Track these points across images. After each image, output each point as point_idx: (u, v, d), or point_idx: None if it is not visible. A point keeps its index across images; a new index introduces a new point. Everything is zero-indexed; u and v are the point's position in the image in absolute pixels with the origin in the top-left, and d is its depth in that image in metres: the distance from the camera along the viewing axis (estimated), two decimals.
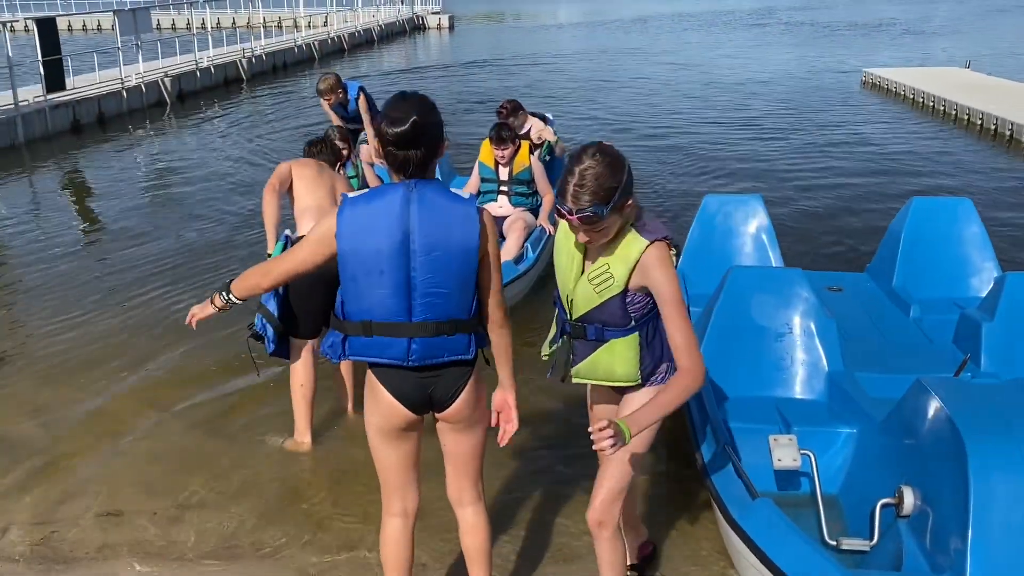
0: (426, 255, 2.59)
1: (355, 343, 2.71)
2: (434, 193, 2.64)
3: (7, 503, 4.19)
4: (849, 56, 24.70)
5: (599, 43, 30.66)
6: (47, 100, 14.17)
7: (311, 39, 26.14)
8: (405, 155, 2.59)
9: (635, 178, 2.69)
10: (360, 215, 2.61)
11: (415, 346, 2.66)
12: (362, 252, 2.59)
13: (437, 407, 2.80)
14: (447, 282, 2.62)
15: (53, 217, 9.76)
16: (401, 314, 2.64)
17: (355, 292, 2.65)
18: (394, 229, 2.58)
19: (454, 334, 2.68)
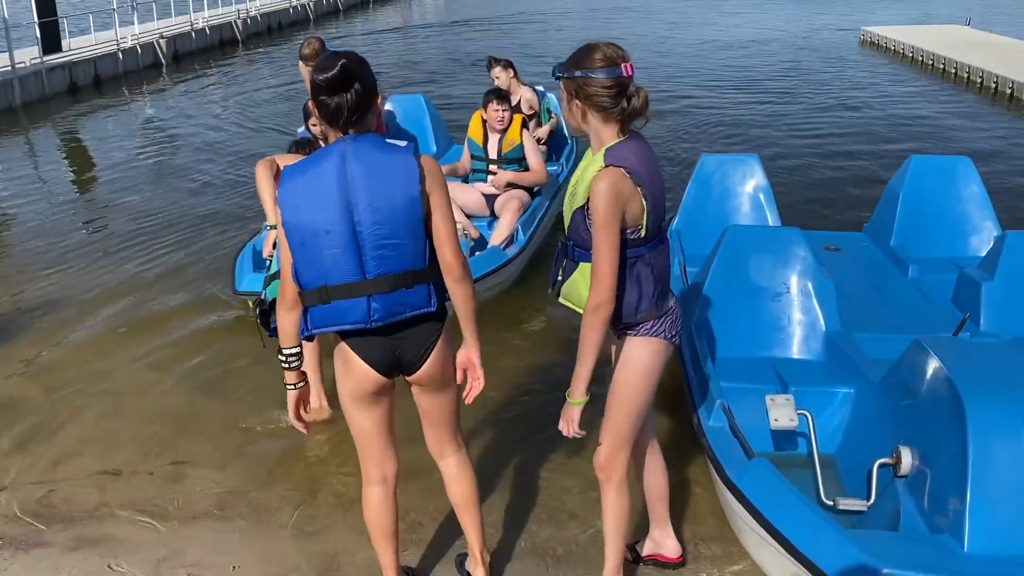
0: (369, 207, 2.56)
1: (315, 314, 2.67)
2: (369, 147, 2.61)
3: (5, 462, 4.20)
4: (848, 14, 24.42)
5: (597, 3, 30.27)
6: (43, 62, 14.02)
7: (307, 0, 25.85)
8: (337, 102, 2.56)
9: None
10: (299, 182, 2.60)
11: (375, 304, 2.62)
12: (306, 218, 2.58)
13: (406, 370, 2.78)
14: (395, 232, 2.59)
15: (49, 178, 9.71)
16: (355, 272, 2.60)
17: (305, 258, 2.62)
18: (332, 187, 2.57)
19: (413, 286, 2.65)
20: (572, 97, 2.71)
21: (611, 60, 2.62)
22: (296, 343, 2.79)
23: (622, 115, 2.67)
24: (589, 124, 2.72)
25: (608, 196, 2.59)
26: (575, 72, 2.65)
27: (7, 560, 3.52)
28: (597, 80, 2.62)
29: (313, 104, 2.65)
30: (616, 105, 2.64)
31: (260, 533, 3.69)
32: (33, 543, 3.62)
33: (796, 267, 4.29)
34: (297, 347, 2.81)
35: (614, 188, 2.60)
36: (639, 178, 2.63)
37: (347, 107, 2.57)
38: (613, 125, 2.69)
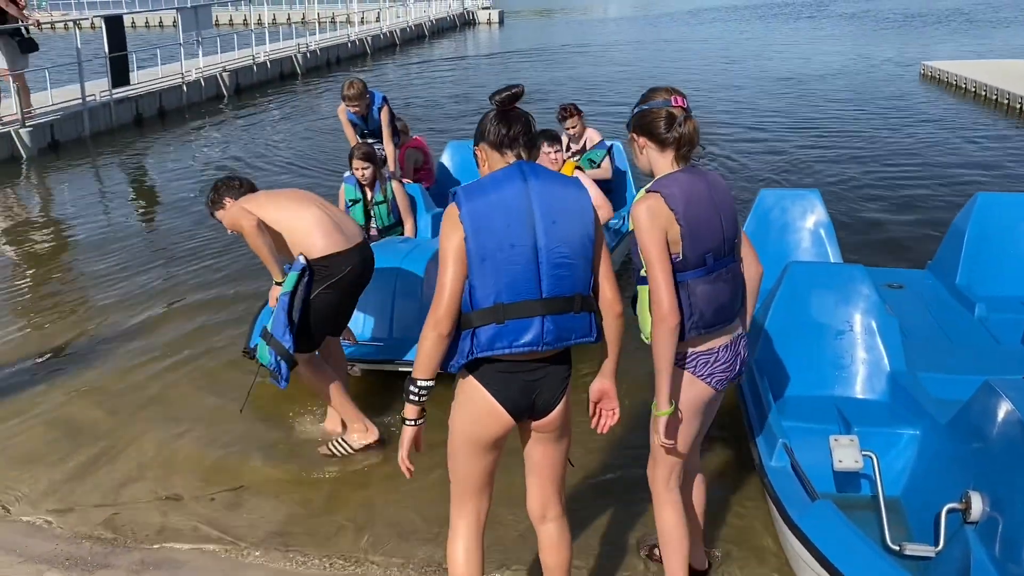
0: (552, 226, 2.62)
1: (484, 336, 2.63)
2: (543, 172, 2.72)
3: (72, 485, 4.30)
4: (906, 48, 24.14)
5: (649, 36, 30.40)
6: (112, 95, 14.47)
7: (364, 34, 26.37)
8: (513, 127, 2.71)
9: None
10: (482, 202, 2.64)
11: (549, 325, 2.63)
12: (492, 234, 2.60)
13: (539, 413, 2.74)
14: (571, 251, 2.64)
15: (113, 204, 10.01)
16: (533, 290, 2.62)
17: (484, 273, 2.61)
18: (520, 203, 2.62)
19: (580, 311, 2.68)
20: (635, 135, 2.99)
21: (662, 95, 2.93)
22: (433, 376, 2.69)
23: (675, 143, 2.89)
24: (648, 156, 2.97)
25: (644, 217, 2.83)
26: (634, 111, 2.99)
27: None
28: (652, 111, 2.91)
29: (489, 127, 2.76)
30: (668, 131, 2.88)
31: (319, 562, 3.71)
32: (98, 564, 3.69)
33: (860, 305, 4.22)
34: (433, 380, 2.70)
35: (649, 211, 2.83)
36: (674, 203, 2.82)
37: (523, 128, 2.74)
38: (668, 154, 2.92)
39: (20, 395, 5.24)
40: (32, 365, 5.67)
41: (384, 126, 7.43)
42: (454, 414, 2.78)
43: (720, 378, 2.97)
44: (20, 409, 5.07)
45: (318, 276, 4.23)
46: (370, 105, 7.41)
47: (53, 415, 5.00)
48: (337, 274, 4.24)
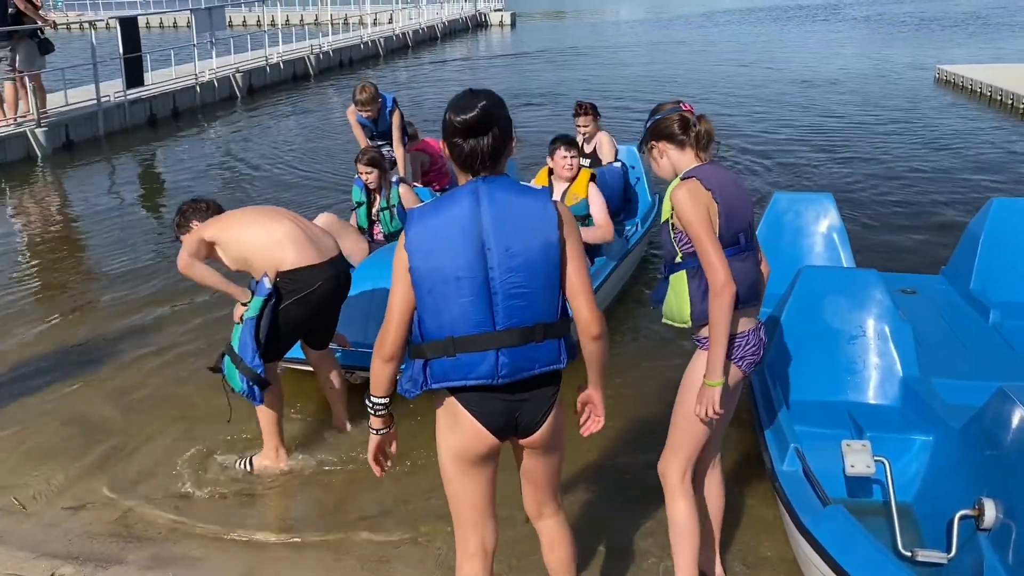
0: (504, 254, 2.46)
1: (438, 368, 2.52)
2: (504, 189, 2.52)
3: (87, 481, 4.33)
4: (920, 52, 24.05)
5: (661, 38, 30.37)
6: (126, 95, 14.56)
7: (377, 36, 26.43)
8: (472, 146, 2.48)
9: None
10: (429, 226, 2.50)
11: (504, 358, 2.49)
12: (437, 263, 2.47)
13: (523, 433, 2.64)
14: (530, 281, 2.48)
15: (128, 205, 10.06)
16: (484, 323, 2.48)
17: (432, 306, 2.50)
18: (468, 232, 2.46)
19: (543, 340, 2.52)
20: (652, 145, 3.11)
21: (672, 105, 3.11)
22: (388, 393, 2.65)
23: (694, 142, 3.04)
24: (670, 160, 3.09)
25: (688, 197, 2.92)
26: (647, 124, 3.12)
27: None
28: (664, 119, 3.08)
29: (444, 144, 2.58)
30: (684, 132, 3.03)
31: (329, 558, 3.73)
32: (112, 561, 3.72)
33: (873, 310, 4.22)
34: (387, 398, 2.66)
35: (690, 191, 2.93)
36: (710, 184, 2.95)
37: (483, 154, 2.50)
38: (689, 152, 3.05)
39: (36, 392, 5.29)
40: (47, 363, 5.71)
41: (395, 129, 7.42)
42: (437, 433, 2.68)
43: (749, 361, 3.09)
44: (36, 406, 5.12)
45: (285, 291, 4.12)
46: (381, 109, 7.39)
47: (69, 412, 5.05)
48: (305, 289, 4.14)
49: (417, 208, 2.57)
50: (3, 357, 5.80)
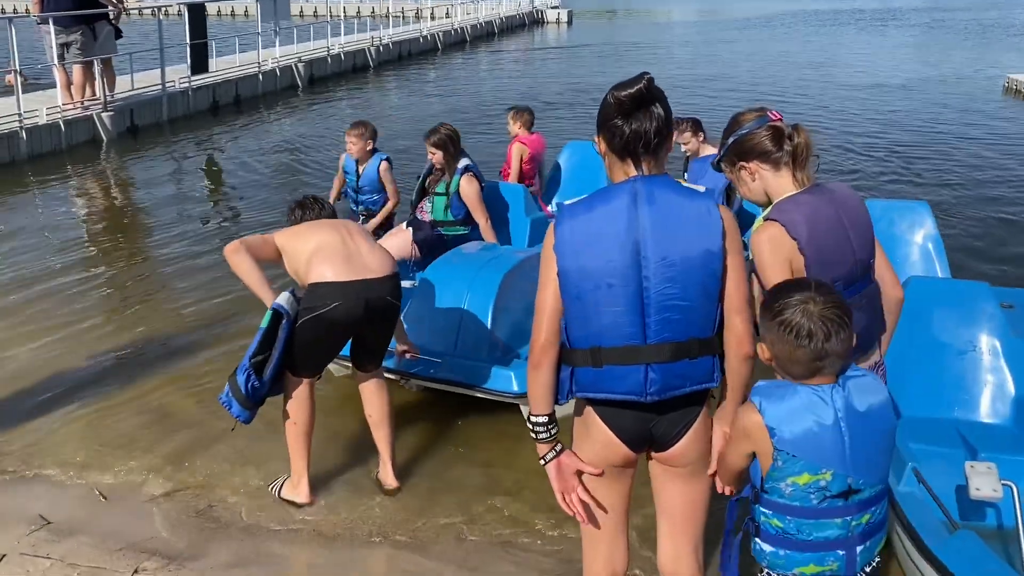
0: (661, 263, 2.26)
1: (583, 376, 2.36)
2: (664, 188, 2.32)
3: (167, 473, 4.29)
4: (981, 61, 23.35)
5: (712, 35, 29.96)
6: (191, 81, 14.66)
7: (436, 29, 26.41)
8: (635, 128, 2.28)
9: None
10: (581, 225, 2.32)
11: (653, 375, 2.31)
12: (587, 267, 2.29)
13: (658, 445, 2.45)
14: (687, 293, 2.28)
15: (191, 191, 10.10)
16: (635, 336, 2.30)
17: (580, 313, 2.32)
18: (622, 236, 2.28)
19: (697, 357, 2.32)
20: (738, 165, 2.74)
21: (757, 114, 2.72)
22: (547, 410, 2.42)
23: (790, 159, 2.67)
24: (763, 181, 2.72)
25: (765, 249, 2.59)
26: (729, 141, 2.73)
27: (170, 572, 3.55)
28: (752, 134, 2.69)
29: (600, 137, 2.37)
30: (779, 148, 2.67)
31: (415, 561, 3.63)
32: (194, 557, 3.65)
33: (983, 324, 4.02)
34: (548, 415, 2.43)
35: (771, 241, 2.59)
36: (797, 231, 2.58)
37: (647, 134, 2.29)
38: (786, 173, 2.69)
39: (109, 382, 5.24)
40: (117, 353, 5.66)
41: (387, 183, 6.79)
42: (575, 444, 2.52)
43: None
44: (111, 395, 5.08)
45: (303, 306, 3.77)
46: (368, 155, 6.75)
47: (143, 402, 5.00)
48: (320, 307, 3.71)
49: (568, 204, 2.39)
50: (75, 342, 5.78)
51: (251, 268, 3.76)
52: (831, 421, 2.20)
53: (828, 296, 2.23)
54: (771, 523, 2.30)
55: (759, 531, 2.34)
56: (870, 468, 2.24)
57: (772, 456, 2.23)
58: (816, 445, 2.19)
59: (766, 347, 2.31)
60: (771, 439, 2.21)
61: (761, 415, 2.23)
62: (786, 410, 2.22)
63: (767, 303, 2.31)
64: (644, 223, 2.28)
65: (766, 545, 2.33)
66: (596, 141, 2.42)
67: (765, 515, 2.31)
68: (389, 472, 4.17)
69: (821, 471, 2.20)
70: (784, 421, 2.21)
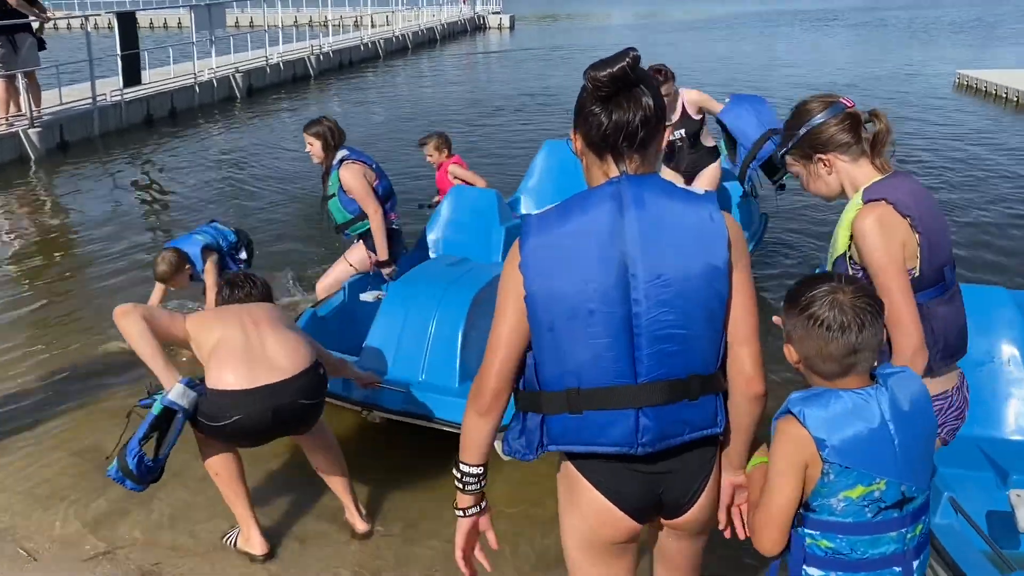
0: (654, 282, 1.86)
1: (558, 425, 1.94)
2: (654, 191, 1.89)
3: (107, 527, 3.80)
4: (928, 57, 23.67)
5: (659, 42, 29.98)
6: (123, 94, 13.98)
7: (376, 37, 25.95)
8: (617, 119, 1.86)
9: None
10: (553, 239, 1.88)
11: (646, 420, 1.90)
12: (562, 289, 1.87)
13: (669, 512, 2.05)
14: (687, 319, 1.88)
15: (124, 210, 9.48)
16: (623, 373, 1.88)
17: (553, 347, 1.89)
18: (606, 250, 1.86)
19: (698, 397, 1.93)
20: (811, 157, 2.49)
21: (827, 102, 2.50)
22: (483, 460, 2.04)
23: (870, 147, 2.47)
24: (840, 174, 2.47)
25: (875, 231, 2.32)
26: (799, 132, 2.47)
27: None
28: (826, 123, 2.44)
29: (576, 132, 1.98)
30: (857, 137, 2.45)
31: None
32: None
33: (1003, 332, 3.73)
34: (483, 466, 2.05)
35: (881, 222, 2.33)
36: (907, 208, 2.36)
37: (630, 124, 1.87)
38: (864, 162, 2.48)
39: (36, 422, 4.72)
40: (43, 386, 5.13)
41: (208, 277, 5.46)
42: (560, 509, 2.10)
43: (951, 427, 2.53)
44: (38, 438, 4.56)
45: (202, 409, 3.23)
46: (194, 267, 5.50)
47: (77, 444, 4.49)
48: (220, 419, 3.22)
49: (536, 214, 1.96)
50: None
51: (142, 335, 3.17)
52: (878, 424, 1.94)
53: (857, 286, 1.99)
54: (820, 545, 2.00)
55: (805, 556, 2.02)
56: (919, 472, 2.00)
57: (821, 471, 1.93)
58: (868, 452, 1.93)
59: (793, 348, 2.02)
60: (820, 452, 1.92)
61: (805, 427, 1.93)
62: (832, 416, 1.93)
63: (790, 298, 2.03)
64: (631, 234, 1.86)
65: (814, 570, 2.02)
66: (572, 138, 2.00)
67: (812, 536, 2.00)
68: (356, 517, 3.75)
69: (875, 481, 1.95)
70: (832, 429, 1.93)
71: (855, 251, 2.40)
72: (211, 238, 5.60)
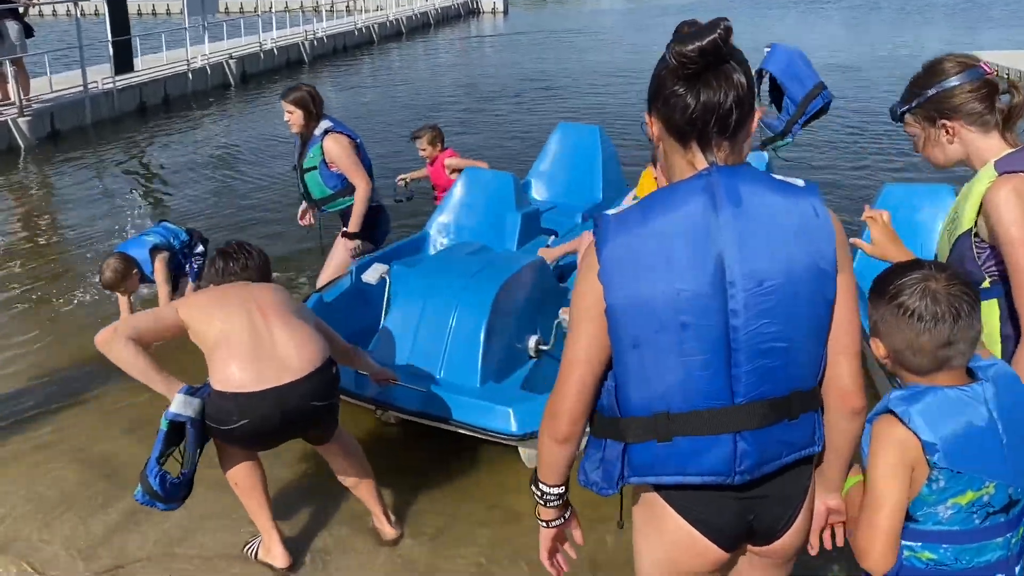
0: (756, 290, 1.64)
1: (643, 455, 1.74)
2: (752, 183, 1.67)
3: (117, 539, 3.59)
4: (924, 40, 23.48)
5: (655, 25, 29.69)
6: (115, 82, 13.68)
7: (370, 22, 25.60)
8: (706, 100, 1.62)
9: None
10: (637, 241, 1.65)
11: (744, 445, 1.70)
12: (650, 300, 1.64)
13: (760, 539, 1.86)
14: (790, 330, 1.67)
15: (118, 200, 9.22)
16: (719, 394, 1.68)
17: (639, 366, 1.68)
18: (699, 252, 1.64)
19: (798, 415, 1.74)
20: (935, 122, 2.30)
21: (965, 64, 2.29)
22: (564, 480, 1.87)
23: (1003, 118, 2.28)
24: (966, 144, 2.29)
25: (1014, 202, 2.12)
26: (928, 92, 2.27)
27: None
28: (960, 87, 2.27)
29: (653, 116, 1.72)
30: (990, 108, 2.27)
31: None
32: None
33: None
34: (563, 486, 1.88)
35: (1019, 193, 2.13)
36: None
37: (720, 106, 1.63)
38: (995, 135, 2.29)
39: (37, 427, 4.50)
40: (41, 387, 4.92)
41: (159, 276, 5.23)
42: (637, 536, 1.92)
43: None
44: (42, 444, 4.34)
45: (208, 412, 3.03)
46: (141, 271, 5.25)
47: (82, 450, 4.27)
48: (226, 423, 3.00)
49: (612, 213, 1.72)
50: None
51: (134, 357, 2.97)
52: (986, 423, 1.80)
53: (950, 272, 1.84)
54: (920, 557, 1.86)
55: (900, 570, 1.86)
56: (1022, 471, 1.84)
57: (928, 477, 1.79)
58: (978, 455, 1.79)
59: (880, 342, 1.86)
60: (928, 456, 1.77)
61: (909, 428, 1.76)
62: (939, 416, 1.77)
63: (877, 287, 1.87)
64: (728, 234, 1.64)
65: None
66: (647, 122, 1.76)
67: (911, 549, 1.85)
68: (384, 523, 3.56)
69: (984, 485, 1.81)
70: (940, 430, 1.77)
71: (982, 227, 2.22)
72: (161, 238, 5.37)
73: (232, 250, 3.35)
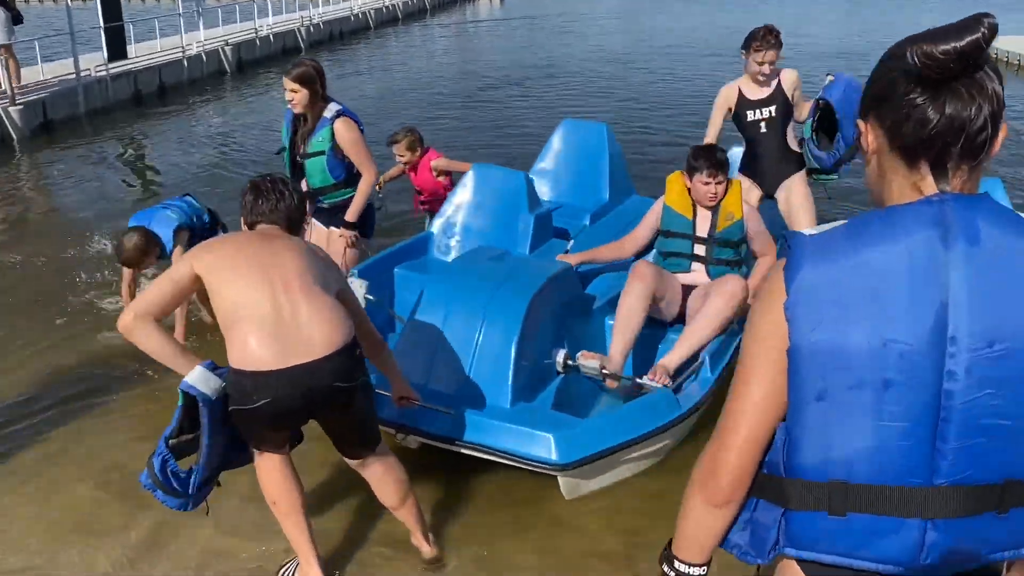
0: (984, 352, 1.32)
1: (805, 526, 1.44)
2: (992, 219, 1.34)
3: (143, 561, 3.33)
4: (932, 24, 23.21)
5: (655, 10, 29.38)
6: (108, 69, 13.33)
7: (367, 8, 25.26)
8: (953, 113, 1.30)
9: None
10: (842, 273, 1.35)
11: (935, 535, 1.39)
12: (848, 347, 1.34)
13: None
14: (1017, 408, 1.34)
15: (113, 192, 8.94)
16: (915, 471, 1.37)
17: (821, 423, 1.38)
18: (920, 297, 1.32)
19: (1008, 510, 1.39)
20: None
21: None
22: (709, 559, 1.56)
23: None
24: None
25: None
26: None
27: None
28: None
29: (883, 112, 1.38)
30: None
31: None
32: None
33: None
34: (705, 567, 1.57)
35: None
36: None
37: (970, 123, 1.31)
38: None
39: (46, 438, 4.22)
40: (46, 393, 4.63)
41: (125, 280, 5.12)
42: None
43: None
44: (52, 458, 4.06)
45: (228, 390, 2.82)
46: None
47: (100, 466, 3.99)
48: (246, 403, 2.78)
49: (812, 234, 1.41)
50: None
51: (160, 342, 2.76)
52: None
53: None
54: None
55: None
56: None
57: None
58: None
59: None
60: None
61: None
62: None
63: None
64: (958, 278, 1.32)
65: None
66: (862, 129, 1.45)
67: None
68: (423, 542, 3.33)
69: None
70: None
71: None
72: (185, 216, 4.99)
73: (265, 186, 3.02)
